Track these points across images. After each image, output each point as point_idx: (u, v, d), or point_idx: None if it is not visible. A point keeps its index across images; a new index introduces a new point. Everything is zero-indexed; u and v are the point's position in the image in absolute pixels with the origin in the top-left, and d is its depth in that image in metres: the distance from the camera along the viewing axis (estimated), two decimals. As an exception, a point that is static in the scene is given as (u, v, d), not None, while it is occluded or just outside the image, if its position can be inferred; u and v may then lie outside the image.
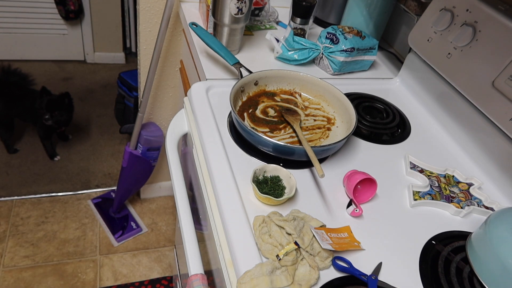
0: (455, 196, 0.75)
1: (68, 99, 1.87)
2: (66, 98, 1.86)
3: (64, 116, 1.88)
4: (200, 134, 0.79)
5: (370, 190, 0.71)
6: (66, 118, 1.89)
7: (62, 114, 1.86)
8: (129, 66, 2.82)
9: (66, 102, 1.86)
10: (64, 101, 1.86)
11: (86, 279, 1.58)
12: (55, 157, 2.05)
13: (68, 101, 1.88)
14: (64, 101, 1.85)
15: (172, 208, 1.92)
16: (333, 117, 0.88)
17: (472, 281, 0.60)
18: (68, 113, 1.90)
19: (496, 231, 0.58)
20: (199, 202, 0.81)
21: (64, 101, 1.86)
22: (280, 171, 0.70)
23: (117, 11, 2.59)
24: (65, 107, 1.87)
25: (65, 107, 1.87)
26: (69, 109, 1.90)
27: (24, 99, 1.90)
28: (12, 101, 1.89)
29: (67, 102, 1.87)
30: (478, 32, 0.81)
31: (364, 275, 0.59)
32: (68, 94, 1.86)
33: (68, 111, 1.90)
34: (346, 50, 0.99)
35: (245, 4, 0.94)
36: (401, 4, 1.17)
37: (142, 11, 1.28)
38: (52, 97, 1.84)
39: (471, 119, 0.86)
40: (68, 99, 1.87)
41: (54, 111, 1.82)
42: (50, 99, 1.82)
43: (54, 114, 1.82)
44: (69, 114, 1.91)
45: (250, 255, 0.58)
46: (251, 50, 1.08)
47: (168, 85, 1.50)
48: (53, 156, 2.05)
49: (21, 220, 1.74)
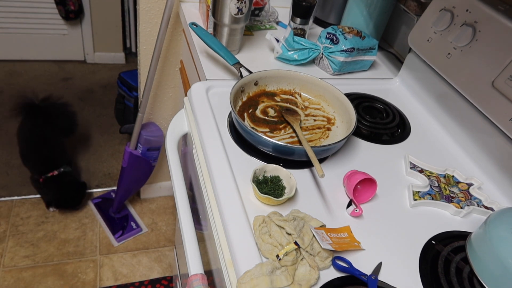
0: (455, 196, 0.75)
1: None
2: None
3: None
4: (200, 134, 0.79)
5: (370, 190, 0.71)
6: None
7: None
8: (129, 66, 2.82)
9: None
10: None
11: (86, 279, 1.58)
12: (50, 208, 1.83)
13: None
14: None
15: (172, 208, 1.92)
16: (333, 117, 0.88)
17: (472, 281, 0.60)
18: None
19: (496, 231, 0.58)
20: (199, 202, 0.81)
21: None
22: (280, 171, 0.70)
23: (117, 11, 2.59)
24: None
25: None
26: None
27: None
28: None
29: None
30: (478, 32, 0.81)
31: (364, 275, 0.59)
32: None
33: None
34: (346, 50, 0.99)
35: (245, 4, 0.94)
36: (401, 4, 1.17)
37: (142, 11, 1.28)
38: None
39: (471, 119, 0.86)
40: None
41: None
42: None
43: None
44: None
45: (250, 255, 0.58)
46: (251, 50, 1.08)
47: (168, 85, 1.50)
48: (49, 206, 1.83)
49: (21, 220, 1.74)
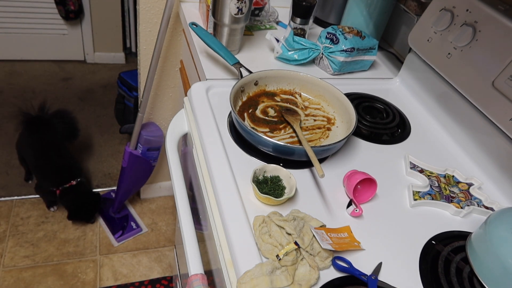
0: (455, 196, 0.75)
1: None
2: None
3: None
4: (200, 134, 0.79)
5: (370, 190, 0.71)
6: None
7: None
8: (129, 66, 2.82)
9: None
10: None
11: (86, 279, 1.58)
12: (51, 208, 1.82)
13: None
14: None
15: (172, 208, 1.92)
16: (333, 117, 0.88)
17: (472, 281, 0.60)
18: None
19: (496, 231, 0.58)
20: (199, 202, 0.81)
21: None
22: (280, 171, 0.70)
23: (117, 11, 2.59)
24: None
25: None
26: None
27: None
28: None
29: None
30: (478, 32, 0.81)
31: (364, 275, 0.59)
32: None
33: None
34: (346, 50, 0.99)
35: (245, 4, 0.94)
36: (401, 4, 1.17)
37: (142, 11, 1.28)
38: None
39: (471, 119, 0.86)
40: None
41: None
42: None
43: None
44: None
45: (250, 255, 0.58)
46: (251, 50, 1.08)
47: (168, 85, 1.50)
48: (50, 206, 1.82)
49: (21, 220, 1.74)
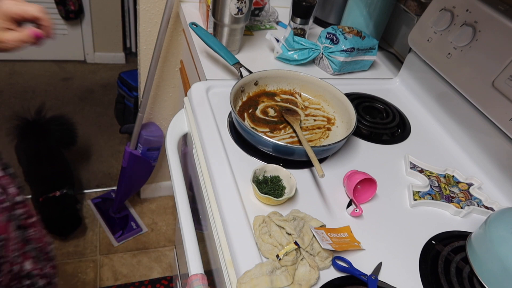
0: (455, 196, 0.75)
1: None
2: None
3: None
4: (200, 134, 0.79)
5: (370, 190, 0.71)
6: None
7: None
8: (129, 66, 2.82)
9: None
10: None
11: (86, 279, 1.58)
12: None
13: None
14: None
15: (172, 208, 1.92)
16: (333, 117, 0.88)
17: (472, 281, 0.60)
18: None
19: (496, 231, 0.58)
20: (199, 202, 0.81)
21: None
22: (280, 171, 0.70)
23: (117, 11, 2.59)
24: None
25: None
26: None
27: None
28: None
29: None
30: (478, 32, 0.81)
31: (364, 275, 0.59)
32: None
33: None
34: (346, 50, 0.99)
35: (245, 4, 0.94)
36: (401, 4, 1.17)
37: (142, 11, 1.28)
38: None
39: (471, 119, 0.86)
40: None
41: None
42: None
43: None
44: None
45: (250, 255, 0.58)
46: (251, 50, 1.08)
47: (168, 85, 1.50)
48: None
49: (21, 220, 1.74)
